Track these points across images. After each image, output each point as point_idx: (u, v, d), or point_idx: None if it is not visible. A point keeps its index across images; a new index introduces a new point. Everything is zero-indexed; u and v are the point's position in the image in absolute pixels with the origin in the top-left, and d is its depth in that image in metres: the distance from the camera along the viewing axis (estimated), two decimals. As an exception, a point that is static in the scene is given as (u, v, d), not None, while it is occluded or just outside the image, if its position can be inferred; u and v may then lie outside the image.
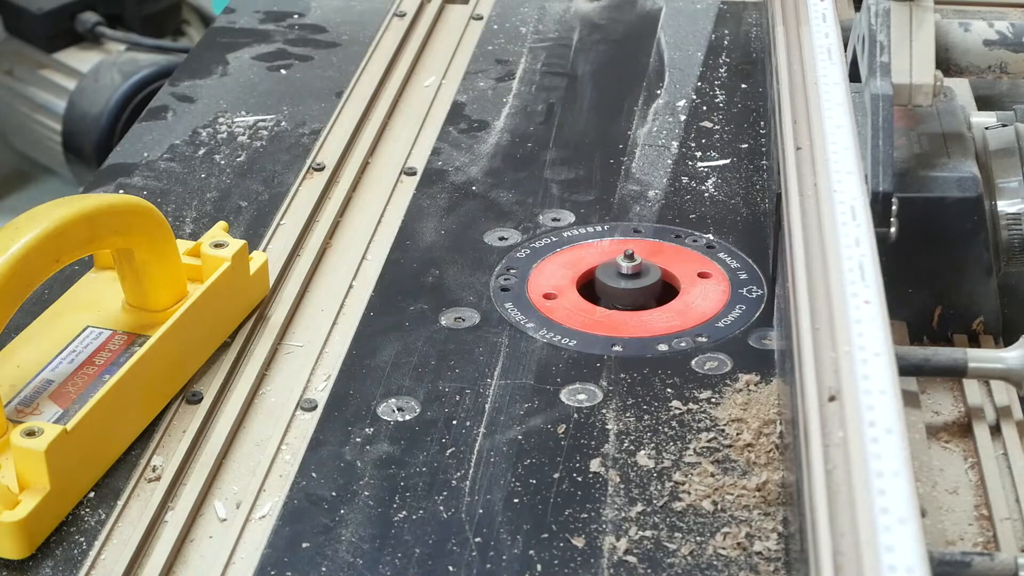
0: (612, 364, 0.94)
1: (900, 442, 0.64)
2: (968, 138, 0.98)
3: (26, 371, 0.89)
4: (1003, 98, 1.21)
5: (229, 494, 0.85)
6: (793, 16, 1.03)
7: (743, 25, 1.40)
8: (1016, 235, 0.94)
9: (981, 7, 1.32)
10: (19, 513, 0.79)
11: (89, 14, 2.26)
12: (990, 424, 0.88)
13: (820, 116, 0.89)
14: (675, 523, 0.81)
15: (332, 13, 1.44)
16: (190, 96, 1.29)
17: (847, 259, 0.76)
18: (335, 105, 1.26)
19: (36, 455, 0.79)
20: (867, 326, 0.71)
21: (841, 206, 0.80)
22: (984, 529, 0.80)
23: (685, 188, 1.14)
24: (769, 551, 0.78)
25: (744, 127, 1.22)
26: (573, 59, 1.34)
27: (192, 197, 1.13)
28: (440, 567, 0.78)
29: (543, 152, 1.20)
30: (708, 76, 1.31)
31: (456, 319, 0.99)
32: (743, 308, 0.99)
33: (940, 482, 0.84)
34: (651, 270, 1.02)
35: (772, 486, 0.82)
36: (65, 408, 0.86)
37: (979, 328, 0.95)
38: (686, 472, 0.84)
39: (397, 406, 0.90)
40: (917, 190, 0.93)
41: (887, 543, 0.59)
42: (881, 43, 0.94)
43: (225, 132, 1.23)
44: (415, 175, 1.16)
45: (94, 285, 0.97)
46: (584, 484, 0.84)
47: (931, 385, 0.91)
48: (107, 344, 0.91)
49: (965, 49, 0.99)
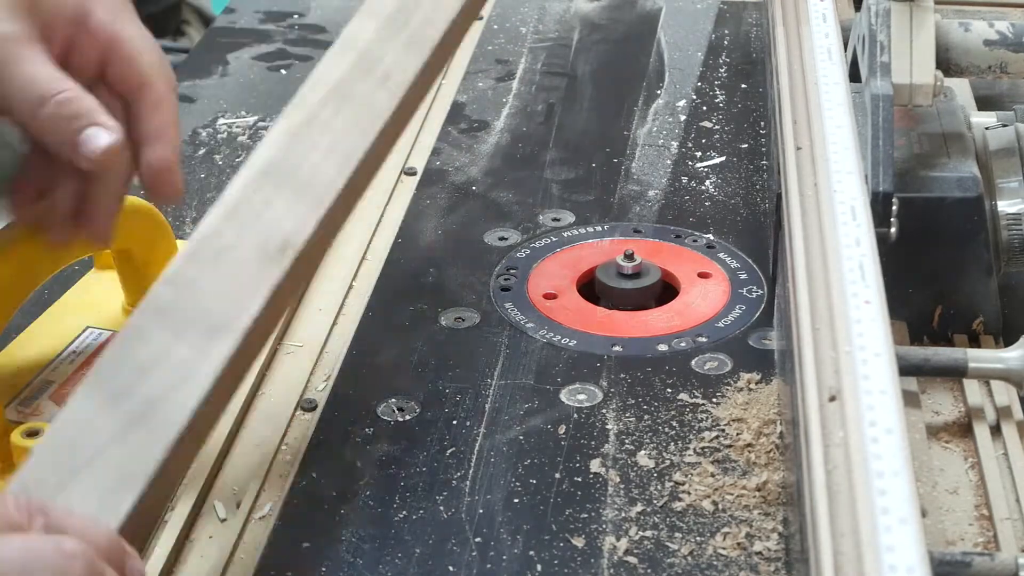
0: (612, 364, 0.94)
1: (900, 442, 0.64)
2: (968, 138, 0.98)
3: (26, 372, 0.89)
4: (1003, 98, 1.21)
5: (229, 494, 0.85)
6: (793, 16, 1.03)
7: (743, 25, 1.40)
8: (1016, 235, 0.94)
9: (981, 7, 1.32)
10: None
11: (89, 14, 2.25)
12: (990, 424, 0.88)
13: (820, 116, 0.89)
14: (675, 523, 0.81)
15: (332, 13, 1.44)
16: (190, 96, 1.29)
17: (847, 259, 0.76)
18: (335, 105, 1.25)
19: None
20: (867, 326, 0.71)
21: (841, 206, 0.80)
22: (984, 529, 0.80)
23: (685, 188, 1.14)
24: (769, 551, 0.78)
25: (744, 127, 1.22)
26: (573, 59, 1.34)
27: (192, 197, 1.13)
28: (440, 567, 0.78)
29: (543, 152, 1.20)
30: (708, 76, 1.31)
31: (456, 319, 0.99)
32: (743, 308, 0.99)
33: (940, 482, 0.84)
34: (651, 270, 1.02)
35: (772, 486, 0.82)
36: (65, 409, 0.86)
37: (979, 328, 0.95)
38: (686, 472, 0.84)
39: (397, 406, 0.90)
40: (917, 190, 0.93)
41: (887, 543, 0.59)
42: (881, 43, 0.94)
43: (225, 132, 1.23)
44: (415, 175, 1.16)
45: (94, 285, 0.97)
46: (584, 484, 0.84)
47: (931, 385, 0.91)
48: (107, 345, 0.91)
49: (965, 49, 0.99)
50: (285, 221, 0.74)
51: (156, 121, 0.79)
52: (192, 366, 0.68)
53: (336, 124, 0.80)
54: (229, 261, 0.72)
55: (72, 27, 0.77)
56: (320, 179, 0.77)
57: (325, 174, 0.77)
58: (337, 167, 0.78)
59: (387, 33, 0.86)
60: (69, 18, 0.77)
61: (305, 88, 0.82)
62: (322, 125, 0.79)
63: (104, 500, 0.64)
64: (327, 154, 0.78)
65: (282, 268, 0.72)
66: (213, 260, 0.72)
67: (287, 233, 0.74)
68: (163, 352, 0.68)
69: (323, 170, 0.77)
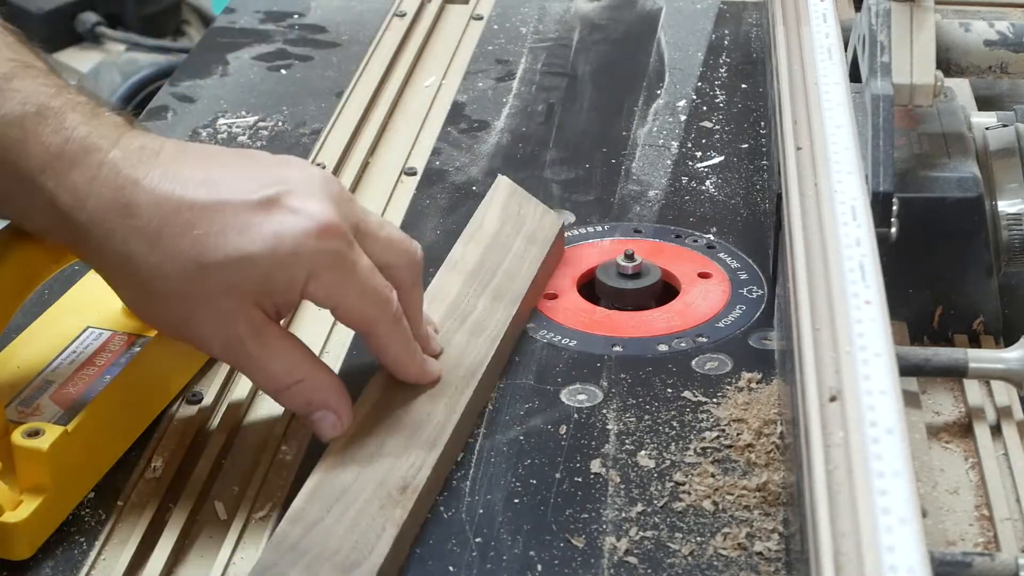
0: (612, 364, 0.94)
1: (901, 442, 0.64)
2: (968, 138, 0.98)
3: (26, 372, 0.89)
4: (1004, 98, 1.21)
5: (229, 494, 0.85)
6: (793, 16, 1.03)
7: (743, 25, 1.40)
8: (1017, 235, 0.94)
9: (981, 7, 1.32)
10: (21, 514, 0.79)
11: (89, 14, 2.26)
12: (991, 424, 0.88)
13: (820, 116, 0.89)
14: (675, 523, 0.81)
15: (332, 13, 1.44)
16: (190, 96, 1.29)
17: (847, 259, 0.76)
18: (335, 105, 1.26)
19: (38, 455, 0.79)
20: (868, 326, 0.71)
21: (841, 206, 0.80)
22: (985, 529, 0.80)
23: (685, 188, 1.14)
24: (770, 551, 0.78)
25: (744, 127, 1.22)
26: (573, 59, 1.34)
27: (192, 197, 1.13)
28: (440, 567, 0.78)
29: (543, 152, 1.20)
30: (708, 76, 1.31)
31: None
32: (743, 308, 0.99)
33: (941, 482, 0.84)
34: (651, 270, 1.02)
35: (773, 486, 0.82)
36: (65, 409, 0.86)
37: (980, 328, 0.95)
38: (686, 472, 0.84)
39: (397, 406, 0.90)
40: (917, 190, 0.93)
41: (888, 543, 0.59)
42: (881, 43, 0.94)
43: (225, 132, 1.23)
44: (415, 175, 1.16)
45: (93, 285, 0.96)
46: (584, 484, 0.84)
47: (932, 385, 0.91)
48: (107, 345, 0.91)
49: (966, 49, 0.99)
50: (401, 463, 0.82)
51: (386, 357, 0.87)
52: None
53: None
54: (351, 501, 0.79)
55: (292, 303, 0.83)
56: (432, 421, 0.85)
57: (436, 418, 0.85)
58: (446, 412, 0.86)
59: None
60: (294, 302, 0.83)
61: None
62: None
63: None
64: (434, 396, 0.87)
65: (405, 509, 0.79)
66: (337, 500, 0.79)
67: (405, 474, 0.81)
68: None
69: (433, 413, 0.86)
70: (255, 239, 0.79)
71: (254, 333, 0.81)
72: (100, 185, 0.78)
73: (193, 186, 0.79)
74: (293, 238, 0.79)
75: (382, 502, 0.78)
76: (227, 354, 0.84)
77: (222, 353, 0.84)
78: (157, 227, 0.78)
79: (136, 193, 0.79)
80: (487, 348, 0.91)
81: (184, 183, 0.79)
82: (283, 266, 0.80)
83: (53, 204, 0.79)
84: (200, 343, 0.84)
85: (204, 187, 0.80)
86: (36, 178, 0.78)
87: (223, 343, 0.82)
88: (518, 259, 0.99)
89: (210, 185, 0.80)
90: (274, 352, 0.82)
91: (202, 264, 0.79)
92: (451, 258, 0.98)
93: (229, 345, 0.82)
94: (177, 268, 0.79)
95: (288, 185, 0.81)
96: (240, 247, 0.79)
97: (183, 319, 0.81)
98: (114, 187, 0.79)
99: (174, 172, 0.80)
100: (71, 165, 0.78)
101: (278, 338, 0.82)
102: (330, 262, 0.81)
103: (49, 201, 0.79)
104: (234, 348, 0.82)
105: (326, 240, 0.80)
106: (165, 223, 0.78)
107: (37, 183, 0.78)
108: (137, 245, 0.79)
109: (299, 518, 0.77)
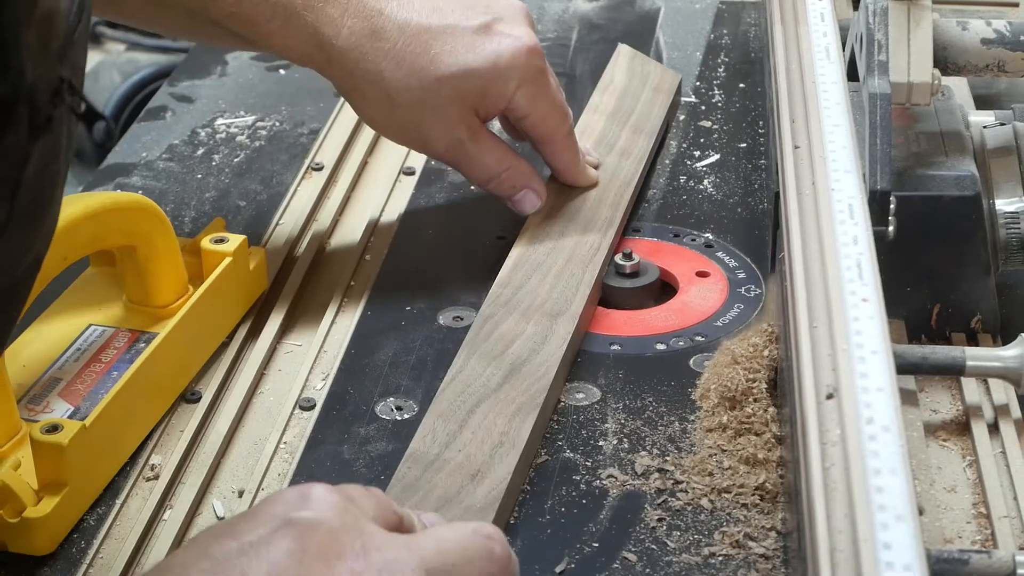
0: (610, 363, 0.94)
1: (898, 440, 0.64)
2: (966, 137, 0.98)
3: (33, 370, 0.89)
4: (1001, 97, 1.21)
5: (228, 493, 0.85)
6: (791, 15, 1.03)
7: (741, 25, 1.40)
8: (1014, 234, 0.94)
9: (979, 6, 1.32)
10: (43, 509, 0.79)
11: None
12: (988, 422, 0.88)
13: (818, 115, 0.89)
14: (674, 522, 0.81)
15: (331, 13, 1.44)
16: (189, 96, 1.29)
17: (845, 257, 0.76)
18: (334, 105, 1.26)
19: (58, 450, 0.79)
20: (865, 324, 0.71)
21: (839, 204, 0.80)
22: (982, 527, 0.80)
23: (683, 187, 1.14)
24: (767, 549, 0.78)
25: (742, 126, 1.22)
26: (572, 59, 1.34)
27: (191, 197, 1.13)
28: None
29: (542, 151, 1.19)
30: (706, 76, 1.31)
31: (455, 318, 0.99)
32: (741, 307, 0.99)
33: (938, 480, 0.84)
34: (649, 269, 1.02)
35: (770, 485, 0.82)
36: (76, 405, 0.86)
37: (977, 326, 0.95)
38: (684, 471, 0.84)
39: (395, 405, 0.90)
40: (915, 188, 0.93)
41: (885, 540, 0.59)
42: (879, 42, 0.94)
43: (224, 132, 1.23)
44: (413, 175, 1.17)
45: (92, 283, 0.97)
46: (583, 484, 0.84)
47: (929, 383, 0.91)
48: (111, 341, 0.91)
49: (963, 48, 0.99)
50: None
51: (560, 162, 1.06)
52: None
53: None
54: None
55: (499, 110, 1.03)
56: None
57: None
58: (611, 209, 1.06)
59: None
60: (500, 109, 1.02)
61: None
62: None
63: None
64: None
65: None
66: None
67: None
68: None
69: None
70: (479, 56, 0.99)
71: (472, 134, 1.01)
72: (351, 16, 0.97)
73: (426, 14, 0.99)
74: (509, 55, 0.99)
75: (574, 267, 0.97)
76: (449, 153, 1.02)
77: (445, 152, 1.02)
78: (402, 47, 0.97)
79: (382, 21, 0.98)
80: (635, 167, 1.10)
81: (418, 12, 0.99)
82: (499, 78, 0.99)
83: (315, 34, 0.97)
84: (426, 145, 1.03)
85: (436, 14, 0.99)
86: (301, 14, 0.96)
87: (447, 144, 1.01)
88: (648, 103, 1.19)
89: (439, 13, 0.99)
90: (486, 148, 1.02)
91: (438, 77, 0.98)
92: (591, 105, 1.17)
93: (451, 145, 1.01)
94: (417, 80, 0.98)
95: (498, 13, 1.01)
96: (467, 62, 0.98)
97: (416, 123, 1.00)
98: (363, 16, 0.97)
99: (408, 2, 0.99)
100: (325, 1, 0.96)
101: (488, 138, 1.02)
102: (534, 76, 1.01)
103: (311, 32, 0.97)
104: (455, 147, 1.01)
105: (532, 58, 1.00)
106: (408, 44, 0.98)
107: (301, 18, 0.96)
108: (386, 63, 0.97)
109: (507, 282, 0.96)
